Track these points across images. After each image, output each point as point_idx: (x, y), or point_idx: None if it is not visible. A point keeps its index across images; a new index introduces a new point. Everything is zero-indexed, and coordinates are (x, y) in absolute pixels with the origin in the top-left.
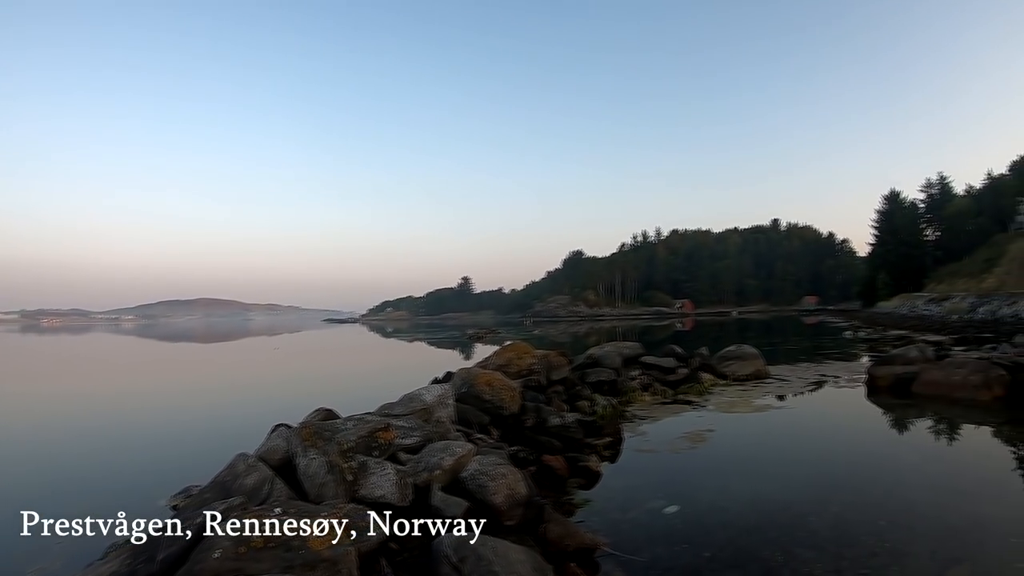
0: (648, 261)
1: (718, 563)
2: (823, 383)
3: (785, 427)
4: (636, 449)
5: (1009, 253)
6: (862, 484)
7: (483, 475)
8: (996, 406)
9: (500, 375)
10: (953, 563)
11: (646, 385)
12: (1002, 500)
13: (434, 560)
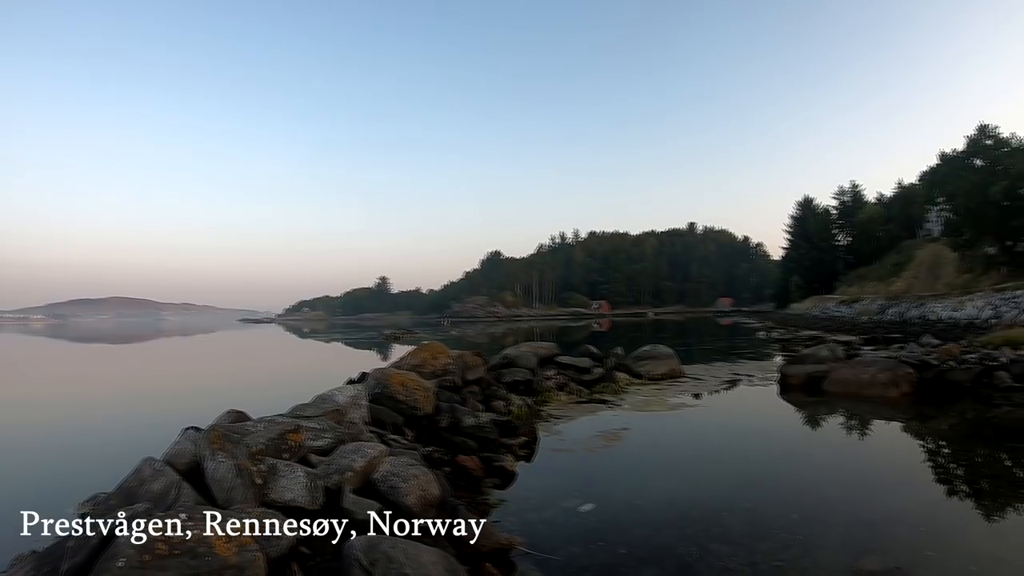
0: (566, 263)
1: (634, 560)
2: (737, 382)
3: (699, 425)
4: (552, 448)
5: (917, 258)
6: (775, 480)
7: (395, 476)
8: (904, 403)
9: (415, 375)
10: (864, 553)
11: (562, 385)
12: (911, 492)
13: (345, 563)
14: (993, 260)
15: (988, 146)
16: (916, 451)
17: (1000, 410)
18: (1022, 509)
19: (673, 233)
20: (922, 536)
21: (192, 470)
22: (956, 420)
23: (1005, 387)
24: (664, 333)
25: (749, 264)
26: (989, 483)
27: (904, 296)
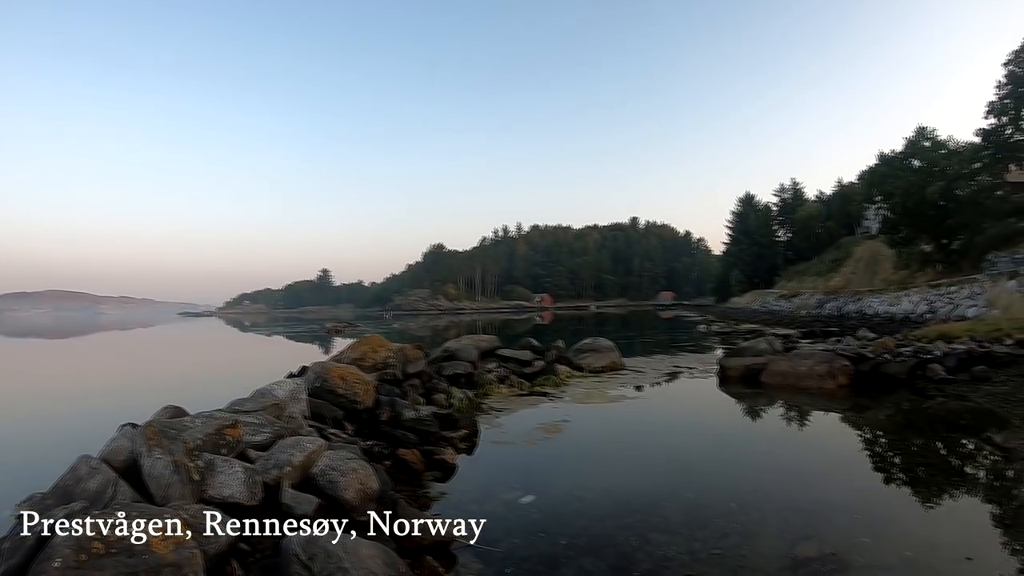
0: (508, 256)
1: (574, 550)
2: (677, 374)
3: (639, 417)
4: (492, 441)
5: (855, 255)
6: (714, 470)
7: (334, 471)
8: (841, 394)
9: (354, 369)
10: (801, 540)
11: (503, 378)
12: (847, 480)
13: (284, 559)
14: (929, 258)
15: (926, 148)
16: (852, 441)
17: (934, 401)
18: (956, 496)
19: (615, 227)
20: (857, 523)
21: (129, 467)
22: (891, 411)
23: (939, 379)
24: (606, 326)
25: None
26: (923, 471)
27: (842, 291)
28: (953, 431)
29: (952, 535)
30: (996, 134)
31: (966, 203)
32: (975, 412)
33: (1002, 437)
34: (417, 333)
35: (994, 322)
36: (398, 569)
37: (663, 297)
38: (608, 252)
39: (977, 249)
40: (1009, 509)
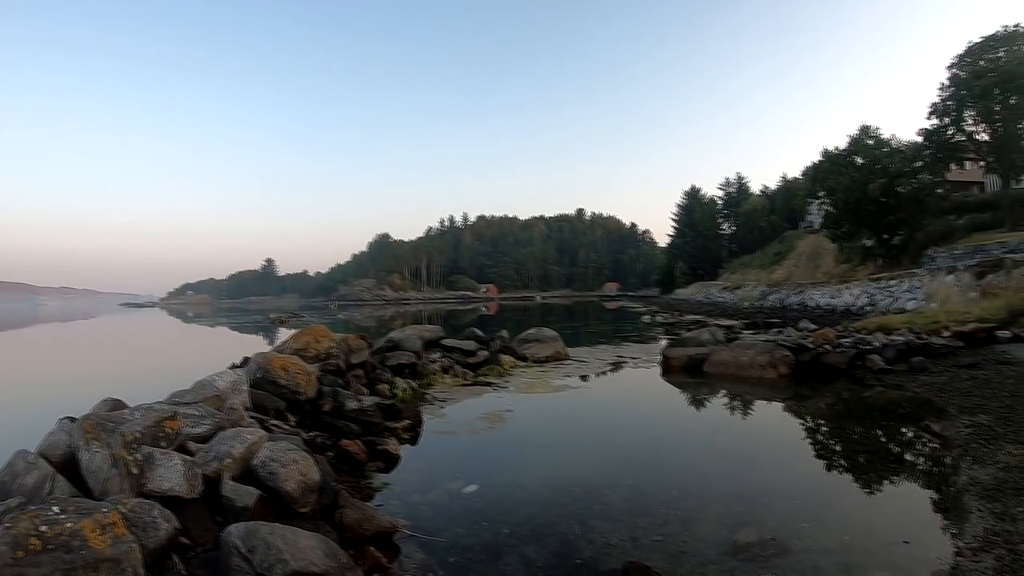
0: (454, 246)
1: (517, 539)
2: (620, 364)
3: (583, 406)
4: (436, 431)
5: (798, 248)
6: (656, 458)
7: (274, 462)
8: (781, 384)
9: (297, 359)
10: (742, 526)
11: (447, 368)
12: (787, 467)
13: (224, 552)
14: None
15: (869, 145)
16: (793, 429)
17: (873, 390)
18: (894, 482)
19: (562, 219)
20: (797, 508)
21: (67, 462)
22: (832, 400)
23: (878, 369)
24: (551, 317)
25: (636, 250)
26: (863, 458)
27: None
28: (892, 420)
29: (890, 519)
30: (938, 134)
31: (907, 200)
32: (913, 401)
33: (939, 425)
34: (362, 323)
35: (932, 315)
36: (339, 559)
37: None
38: (554, 243)
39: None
40: (945, 494)
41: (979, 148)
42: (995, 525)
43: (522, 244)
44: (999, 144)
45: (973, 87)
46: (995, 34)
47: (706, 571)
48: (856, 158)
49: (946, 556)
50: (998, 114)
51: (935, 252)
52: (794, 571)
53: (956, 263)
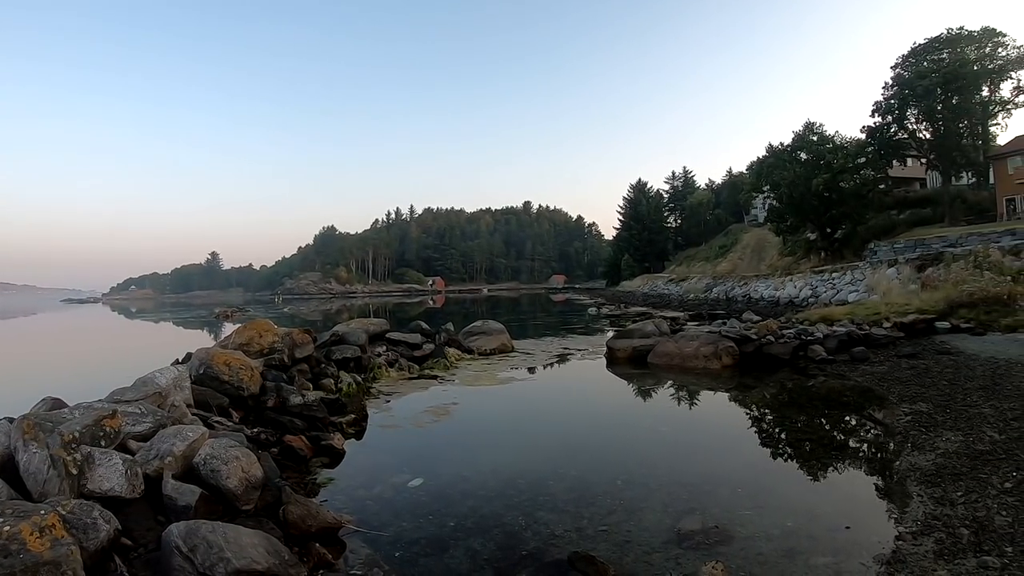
0: (401, 238)
1: (462, 531)
2: (566, 356)
3: (528, 398)
4: (381, 425)
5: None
6: (601, 448)
7: (215, 459)
8: (726, 374)
9: (240, 354)
10: (685, 514)
11: (392, 361)
12: (730, 456)
13: (165, 551)
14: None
15: (813, 141)
16: (737, 418)
17: (816, 380)
18: (836, 469)
19: (508, 211)
20: (740, 496)
21: (5, 463)
22: (775, 389)
23: (820, 359)
24: (498, 309)
25: (583, 243)
26: (806, 446)
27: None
28: (834, 408)
29: (832, 505)
30: (881, 132)
31: (850, 195)
32: (855, 390)
33: (881, 414)
34: (308, 317)
35: (874, 306)
36: (282, 556)
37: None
38: (501, 236)
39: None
40: (887, 480)
41: (921, 146)
42: (935, 509)
43: (469, 237)
44: (940, 142)
45: (917, 87)
46: (939, 36)
47: (651, 560)
48: (800, 154)
49: (887, 541)
50: (940, 113)
51: (877, 246)
52: (737, 558)
53: (897, 256)
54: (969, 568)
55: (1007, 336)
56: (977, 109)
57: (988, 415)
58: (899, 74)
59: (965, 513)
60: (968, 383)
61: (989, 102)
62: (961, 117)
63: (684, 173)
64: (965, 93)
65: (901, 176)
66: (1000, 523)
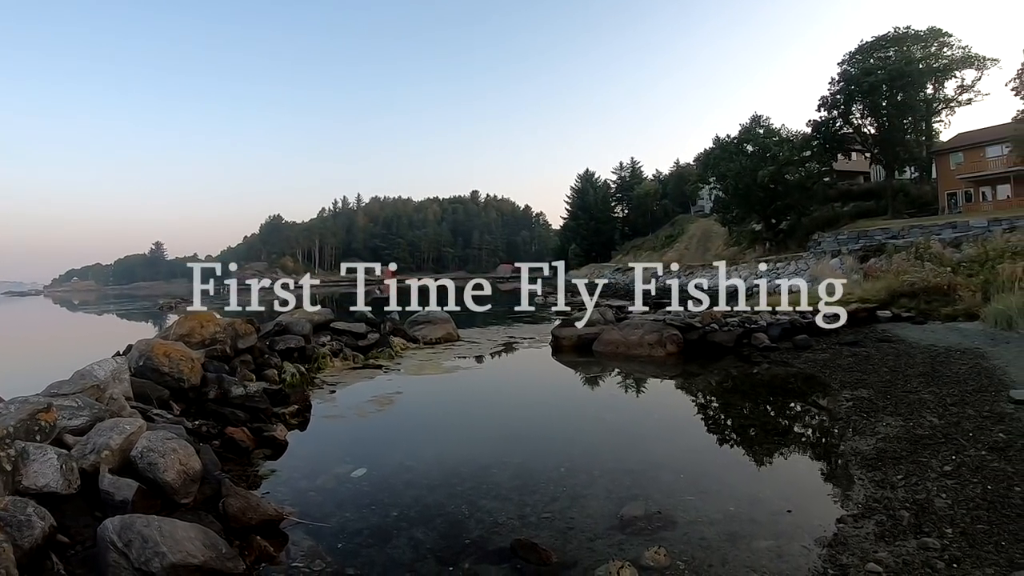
0: (348, 228)
1: (405, 521)
2: (512, 345)
3: (473, 387)
4: (325, 415)
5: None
6: (545, 436)
7: (153, 452)
8: (670, 362)
9: (181, 345)
10: (629, 500)
11: (336, 351)
12: (674, 443)
13: (100, 547)
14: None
15: (759, 134)
16: (681, 405)
17: (760, 367)
18: (779, 454)
19: (456, 200)
20: (683, 482)
21: None
22: (719, 377)
23: (764, 347)
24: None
25: (530, 232)
26: (749, 432)
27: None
28: (777, 395)
29: (775, 490)
30: (826, 126)
31: (795, 187)
32: (798, 377)
33: (823, 400)
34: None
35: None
36: (219, 550)
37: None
38: (448, 225)
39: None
40: (829, 465)
41: (865, 140)
42: (875, 493)
43: (416, 226)
44: (884, 137)
45: (863, 83)
46: (887, 35)
47: (594, 546)
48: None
49: (828, 524)
50: (885, 109)
51: (821, 237)
52: (680, 543)
53: (841, 247)
54: (910, 549)
55: (947, 325)
56: (921, 106)
57: (928, 401)
58: (846, 70)
59: (905, 496)
60: (908, 370)
61: (933, 99)
62: (905, 113)
63: (632, 164)
64: (910, 90)
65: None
66: (940, 505)
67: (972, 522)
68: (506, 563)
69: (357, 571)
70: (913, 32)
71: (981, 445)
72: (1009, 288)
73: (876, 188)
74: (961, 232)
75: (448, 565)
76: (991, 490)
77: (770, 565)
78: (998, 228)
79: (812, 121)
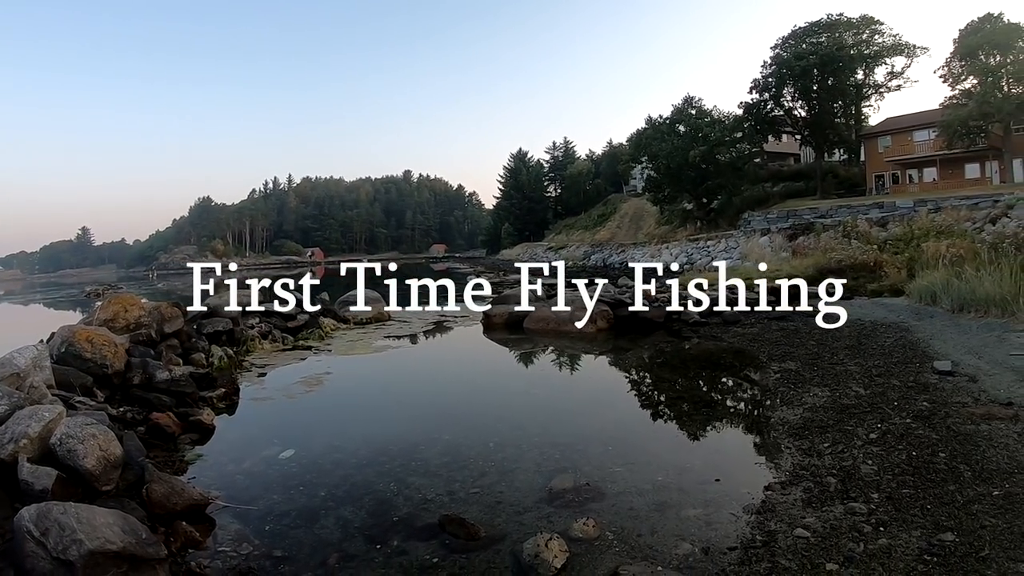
0: (279, 209)
1: (334, 501)
2: (443, 324)
3: (403, 366)
4: (253, 398)
5: (621, 210)
6: (474, 412)
7: (72, 438)
8: (601, 337)
9: (104, 331)
10: (557, 472)
11: (265, 333)
12: (603, 416)
13: (17, 537)
14: (689, 215)
15: (691, 115)
16: (611, 380)
17: (690, 342)
18: (708, 425)
19: (388, 180)
20: (612, 454)
21: None
22: (649, 352)
23: (693, 322)
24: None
25: (463, 212)
26: (678, 405)
27: (608, 244)
28: (707, 368)
29: (703, 460)
30: (758, 108)
31: (726, 167)
32: (727, 351)
33: (752, 372)
34: (184, 293)
35: (746, 272)
36: (139, 535)
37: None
38: (381, 205)
39: (734, 208)
40: (757, 435)
41: (796, 123)
42: (803, 460)
43: (348, 206)
44: (815, 120)
45: (795, 67)
46: (820, 20)
47: (522, 519)
48: (679, 126)
49: (757, 491)
50: (816, 93)
51: (751, 215)
52: (609, 513)
53: (770, 226)
54: (837, 514)
55: (873, 300)
56: (851, 91)
57: (854, 372)
58: (778, 54)
59: (832, 463)
60: (835, 343)
61: (863, 85)
62: (836, 97)
63: (565, 143)
64: (840, 75)
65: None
66: (866, 471)
67: (898, 487)
68: (434, 539)
69: (285, 553)
70: (846, 19)
71: (906, 414)
72: (934, 265)
73: (806, 169)
74: (888, 212)
75: (376, 543)
76: (916, 456)
77: (699, 533)
78: (923, 208)
79: (744, 103)
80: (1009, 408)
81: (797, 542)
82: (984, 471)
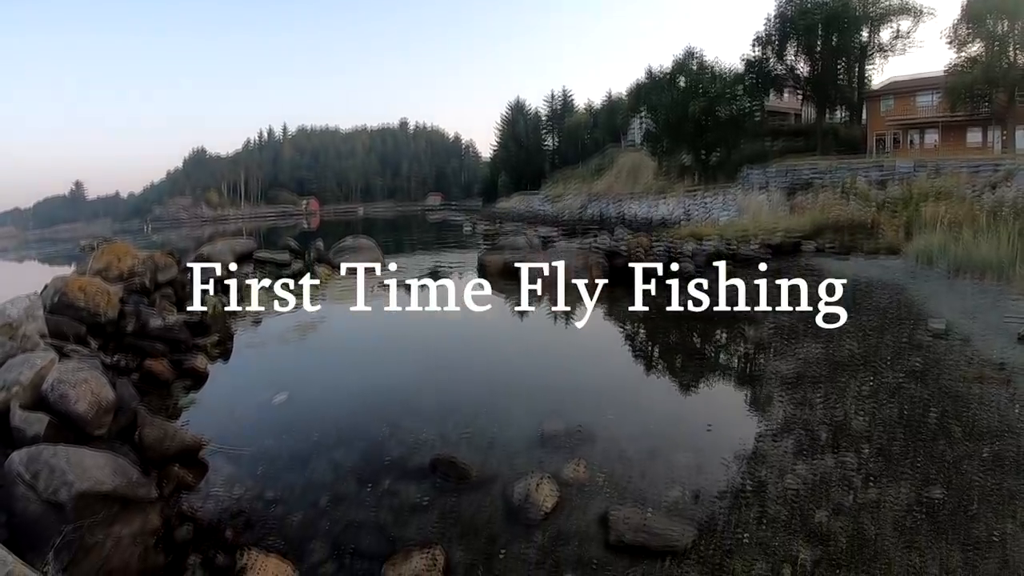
0: (274, 159)
1: (326, 444)
2: (438, 272)
3: (396, 313)
4: (247, 345)
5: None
6: (469, 359)
7: (63, 383)
8: (595, 287)
9: (98, 280)
10: (547, 416)
11: (260, 281)
12: (596, 364)
13: (8, 480)
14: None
15: (692, 69)
16: (605, 330)
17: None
18: (701, 375)
19: (385, 130)
20: (604, 401)
21: None
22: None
23: (688, 274)
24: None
25: (460, 162)
26: (672, 356)
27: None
28: (700, 321)
29: (696, 409)
30: (760, 64)
31: (726, 122)
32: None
33: (746, 326)
34: (179, 245)
35: (743, 226)
36: (129, 477)
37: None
38: (377, 155)
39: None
40: (749, 386)
41: (798, 80)
42: (795, 412)
43: (344, 156)
44: (817, 78)
45: (799, 23)
46: None
47: (514, 461)
48: (680, 79)
49: (748, 440)
50: (819, 51)
51: (749, 171)
52: (600, 457)
53: (769, 182)
54: (827, 465)
55: (869, 259)
56: (856, 50)
57: (847, 328)
58: (782, 12)
59: (824, 415)
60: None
61: (868, 45)
62: (839, 56)
63: (563, 94)
64: (845, 34)
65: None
66: (857, 425)
67: (889, 442)
68: (426, 480)
69: (276, 494)
70: None
71: (899, 371)
72: (931, 228)
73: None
74: (887, 173)
75: (368, 484)
76: (907, 413)
77: (689, 478)
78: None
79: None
80: (1002, 371)
81: (787, 491)
82: (975, 430)
